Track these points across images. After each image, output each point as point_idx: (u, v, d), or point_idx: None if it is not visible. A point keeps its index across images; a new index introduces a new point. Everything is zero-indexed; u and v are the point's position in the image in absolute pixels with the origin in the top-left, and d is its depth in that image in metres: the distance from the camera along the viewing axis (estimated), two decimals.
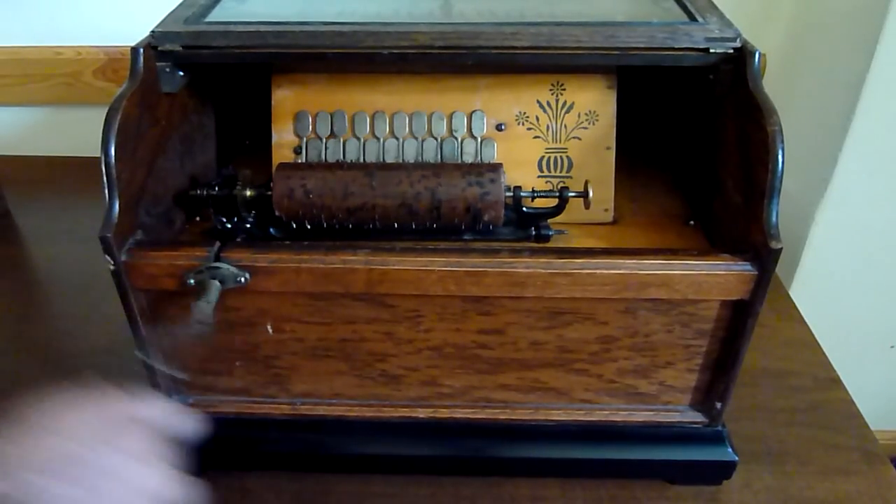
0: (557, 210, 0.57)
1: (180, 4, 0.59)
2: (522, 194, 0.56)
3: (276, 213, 0.54)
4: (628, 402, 0.57)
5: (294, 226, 0.55)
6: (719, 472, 0.59)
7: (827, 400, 0.69)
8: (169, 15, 0.56)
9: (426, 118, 0.59)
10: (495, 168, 0.54)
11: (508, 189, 0.55)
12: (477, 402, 0.58)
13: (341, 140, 0.59)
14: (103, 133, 0.47)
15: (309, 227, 0.55)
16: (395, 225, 0.54)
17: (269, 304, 0.52)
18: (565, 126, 0.59)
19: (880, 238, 0.90)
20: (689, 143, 0.65)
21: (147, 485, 0.39)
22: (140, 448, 0.40)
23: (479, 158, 0.58)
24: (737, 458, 0.58)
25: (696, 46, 0.52)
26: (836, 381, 0.71)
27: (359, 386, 0.57)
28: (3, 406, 0.39)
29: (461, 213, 0.53)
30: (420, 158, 0.58)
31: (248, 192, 0.56)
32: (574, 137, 0.59)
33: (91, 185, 0.50)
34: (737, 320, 0.51)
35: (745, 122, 0.51)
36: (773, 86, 0.76)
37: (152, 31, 0.53)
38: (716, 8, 0.57)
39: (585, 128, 0.59)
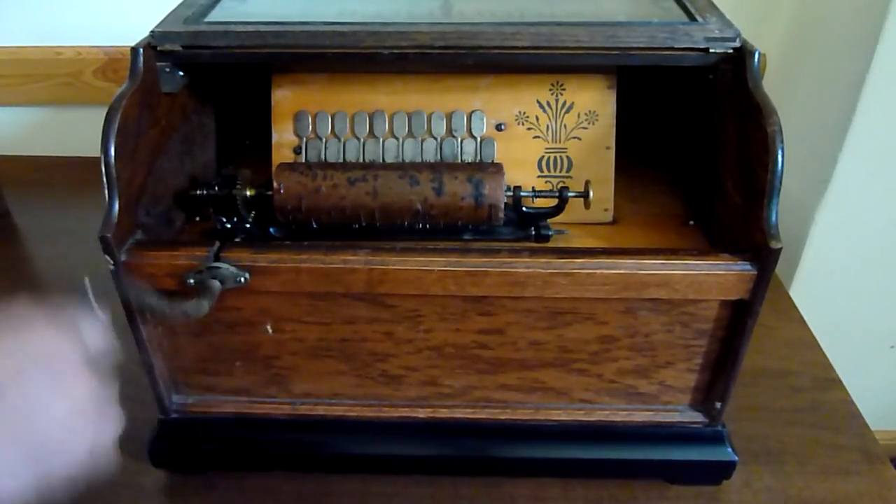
0: (557, 210, 0.57)
1: (180, 4, 0.59)
2: (522, 194, 0.56)
3: (274, 184, 0.54)
4: (628, 402, 0.57)
5: (291, 222, 0.56)
6: (719, 472, 0.59)
7: (827, 400, 0.69)
8: (169, 15, 0.56)
9: (426, 118, 0.59)
10: (496, 165, 0.54)
11: (508, 189, 0.55)
12: (477, 402, 0.58)
13: (341, 140, 0.59)
14: (103, 133, 0.47)
15: (306, 210, 0.55)
16: (395, 209, 0.54)
17: (268, 304, 0.52)
18: (565, 126, 0.59)
19: (880, 238, 0.90)
20: (688, 143, 0.65)
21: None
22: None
23: (478, 158, 0.58)
24: (737, 458, 0.58)
25: (695, 46, 0.52)
26: (836, 381, 0.71)
27: (359, 386, 0.57)
28: None
29: (463, 181, 0.53)
30: (420, 158, 0.58)
31: (248, 192, 0.56)
32: (574, 137, 0.59)
33: (91, 185, 0.50)
34: (737, 320, 0.51)
35: (744, 122, 0.51)
36: (773, 86, 0.76)
37: (152, 31, 0.53)
38: (716, 8, 0.57)
39: (585, 128, 0.59)
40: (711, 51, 0.51)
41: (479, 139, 0.59)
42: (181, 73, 0.55)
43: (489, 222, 0.55)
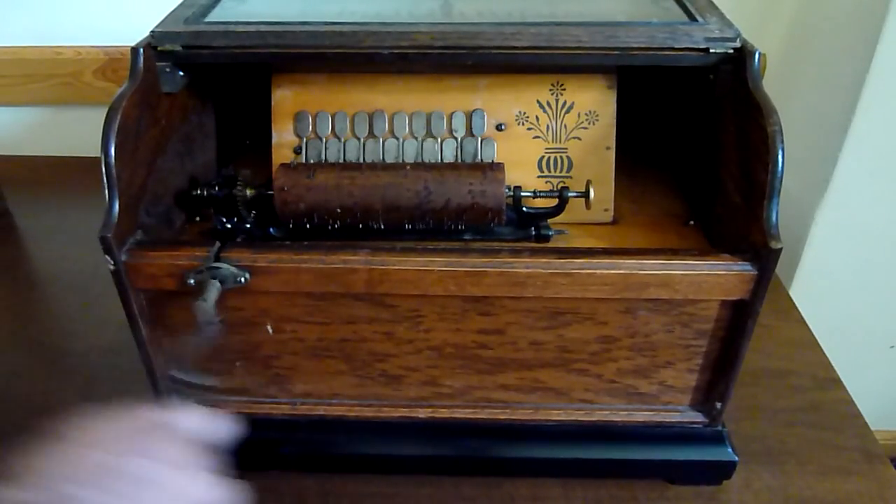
0: (557, 210, 0.57)
1: (180, 4, 0.59)
2: (523, 194, 0.56)
3: (274, 184, 0.54)
4: (628, 402, 0.57)
5: (292, 222, 0.56)
6: (719, 472, 0.59)
7: (827, 400, 0.69)
8: (169, 15, 0.56)
9: (426, 118, 0.59)
10: (496, 165, 0.54)
11: (509, 189, 0.55)
12: (477, 402, 0.58)
13: (342, 140, 0.59)
14: (103, 133, 0.47)
15: (306, 210, 0.55)
16: (396, 209, 0.54)
17: (269, 304, 0.52)
18: (565, 126, 0.59)
19: (880, 238, 0.90)
20: (689, 144, 0.65)
21: (186, 490, 0.38)
22: (176, 456, 0.39)
23: (479, 158, 0.58)
24: (737, 458, 0.58)
25: (696, 46, 0.52)
26: (836, 381, 0.71)
27: (359, 386, 0.57)
28: (38, 423, 0.37)
29: (463, 181, 0.53)
30: (420, 158, 0.58)
31: (249, 192, 0.56)
32: (574, 137, 0.59)
33: (91, 185, 0.50)
34: (737, 320, 0.51)
35: (744, 122, 0.51)
36: (773, 86, 0.76)
37: (152, 31, 0.53)
38: (716, 8, 0.57)
39: (585, 128, 0.59)
40: (712, 51, 0.51)
41: (479, 139, 0.59)
42: (181, 73, 0.55)
43: (489, 222, 0.55)
